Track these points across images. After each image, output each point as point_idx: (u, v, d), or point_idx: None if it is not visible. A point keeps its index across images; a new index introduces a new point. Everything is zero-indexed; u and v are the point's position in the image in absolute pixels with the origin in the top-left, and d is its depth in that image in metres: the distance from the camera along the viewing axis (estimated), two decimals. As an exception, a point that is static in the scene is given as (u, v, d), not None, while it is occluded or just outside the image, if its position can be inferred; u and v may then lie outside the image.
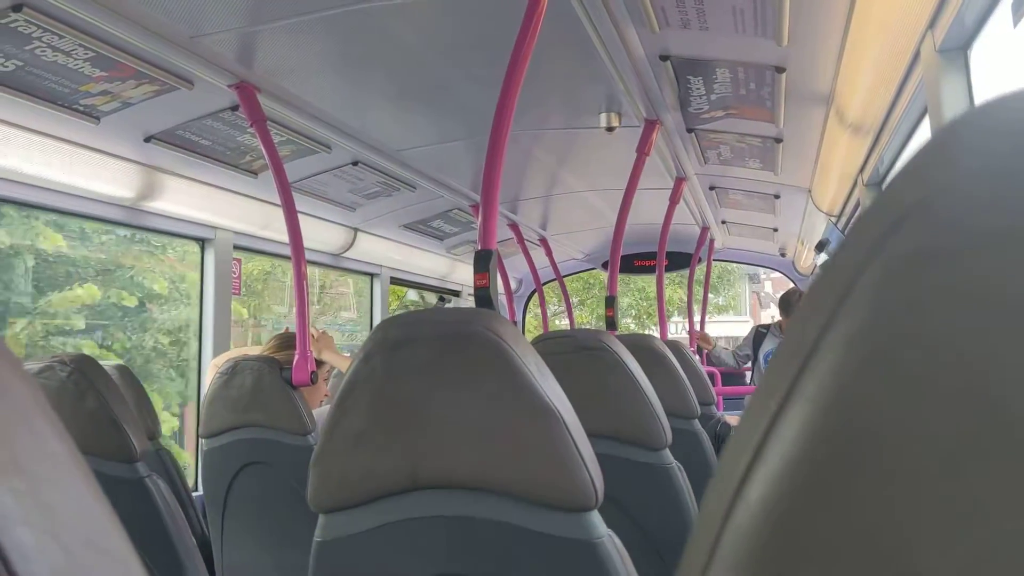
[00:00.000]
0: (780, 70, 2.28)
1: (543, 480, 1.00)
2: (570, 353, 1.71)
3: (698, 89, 2.51)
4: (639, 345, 2.25)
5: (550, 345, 1.74)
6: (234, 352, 2.79)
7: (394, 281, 4.60)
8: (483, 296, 1.73)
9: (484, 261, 1.71)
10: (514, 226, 4.46)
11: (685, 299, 6.32)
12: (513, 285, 5.57)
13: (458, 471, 1.03)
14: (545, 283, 5.63)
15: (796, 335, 0.24)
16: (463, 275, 5.33)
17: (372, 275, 4.45)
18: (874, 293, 0.22)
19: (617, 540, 1.02)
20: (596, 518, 1.02)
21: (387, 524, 1.06)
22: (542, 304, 5.49)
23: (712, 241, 5.28)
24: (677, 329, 15.43)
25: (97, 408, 1.68)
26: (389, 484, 1.05)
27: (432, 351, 1.03)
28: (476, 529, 1.03)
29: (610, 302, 3.16)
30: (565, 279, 5.55)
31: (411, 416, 1.03)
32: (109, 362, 2.42)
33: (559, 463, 1.00)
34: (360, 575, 1.08)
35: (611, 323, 3.11)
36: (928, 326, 0.21)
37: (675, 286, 13.95)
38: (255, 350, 2.74)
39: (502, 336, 1.02)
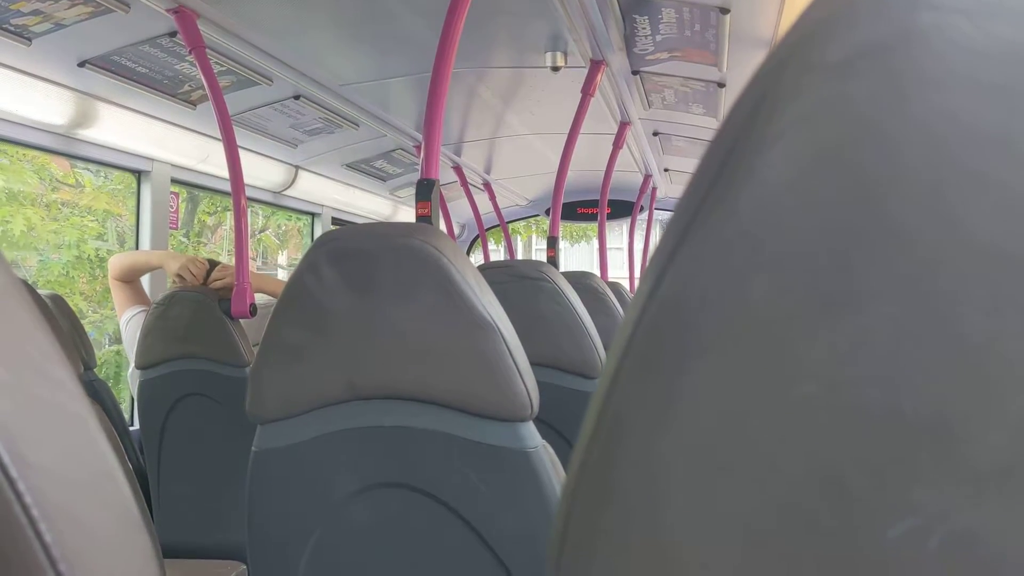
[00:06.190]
0: (724, 11, 2.29)
1: (480, 390, 1.02)
2: (510, 282, 1.73)
3: (644, 29, 2.51)
4: (579, 281, 2.27)
5: (491, 274, 1.75)
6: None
7: (335, 221, 4.56)
8: None
9: (426, 190, 1.71)
10: (458, 168, 4.43)
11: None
12: (456, 230, 5.56)
13: (396, 382, 1.04)
14: (489, 229, 5.62)
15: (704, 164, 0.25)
16: (405, 217, 5.30)
17: (313, 215, 4.41)
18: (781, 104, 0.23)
19: (551, 450, 1.05)
20: (531, 428, 1.04)
21: (325, 434, 1.07)
22: (484, 249, 5.49)
23: (655, 190, 5.32)
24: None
25: None
26: (327, 394, 1.06)
27: (371, 263, 1.03)
28: (413, 439, 1.05)
29: (552, 242, 3.17)
30: (509, 225, 5.55)
31: (350, 327, 1.04)
32: (44, 291, 2.38)
33: (496, 374, 1.01)
34: (297, 484, 1.09)
35: (552, 263, 3.13)
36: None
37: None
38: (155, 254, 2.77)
39: (441, 250, 1.03)
